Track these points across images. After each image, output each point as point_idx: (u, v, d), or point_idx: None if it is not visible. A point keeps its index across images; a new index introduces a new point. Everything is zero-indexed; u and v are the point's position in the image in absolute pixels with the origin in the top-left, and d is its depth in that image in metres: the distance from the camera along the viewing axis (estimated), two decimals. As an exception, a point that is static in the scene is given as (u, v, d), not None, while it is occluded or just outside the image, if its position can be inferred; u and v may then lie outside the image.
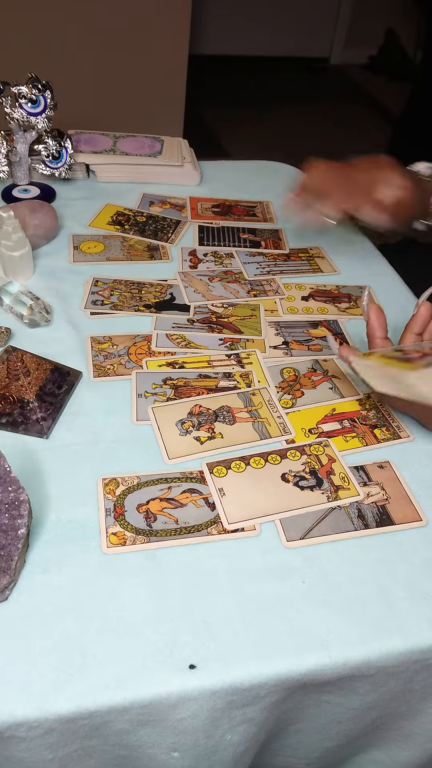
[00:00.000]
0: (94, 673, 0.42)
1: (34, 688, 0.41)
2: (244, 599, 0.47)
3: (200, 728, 0.44)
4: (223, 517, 0.52)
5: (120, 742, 0.44)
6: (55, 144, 0.91)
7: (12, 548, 0.45)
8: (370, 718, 0.50)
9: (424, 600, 0.48)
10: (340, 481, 0.56)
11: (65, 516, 0.51)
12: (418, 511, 0.54)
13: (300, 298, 0.79)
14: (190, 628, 0.45)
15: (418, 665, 0.46)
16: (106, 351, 0.68)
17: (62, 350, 0.67)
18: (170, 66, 2.26)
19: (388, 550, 0.51)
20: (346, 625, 0.46)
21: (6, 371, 0.58)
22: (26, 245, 0.75)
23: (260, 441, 0.59)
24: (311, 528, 0.52)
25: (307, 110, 3.41)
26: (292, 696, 0.46)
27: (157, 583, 0.47)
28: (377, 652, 0.45)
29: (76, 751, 0.43)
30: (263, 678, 0.43)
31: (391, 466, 0.58)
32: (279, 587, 0.48)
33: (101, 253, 0.83)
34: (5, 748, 0.41)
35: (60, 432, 0.58)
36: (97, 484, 0.54)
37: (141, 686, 0.42)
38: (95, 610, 0.45)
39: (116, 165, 0.99)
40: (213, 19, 3.66)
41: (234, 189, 1.01)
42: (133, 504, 0.52)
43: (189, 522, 0.51)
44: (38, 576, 0.47)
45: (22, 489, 0.47)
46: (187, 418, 0.60)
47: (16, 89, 0.85)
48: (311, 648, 0.44)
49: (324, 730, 0.51)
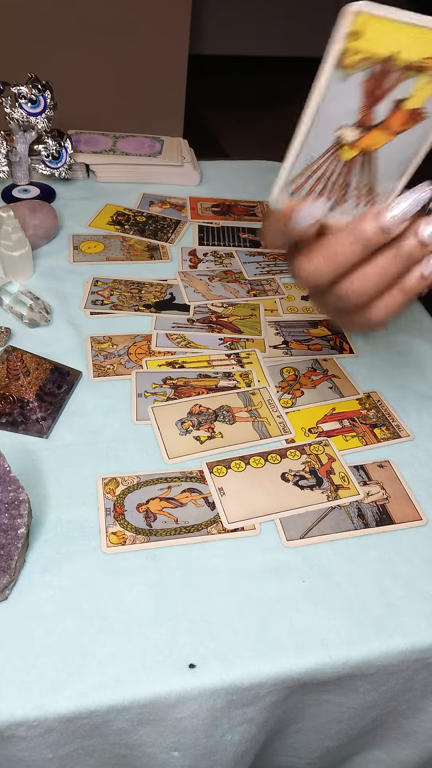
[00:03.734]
0: (94, 673, 0.42)
1: (34, 688, 0.41)
2: (243, 598, 0.47)
3: (200, 728, 0.44)
4: (222, 517, 0.52)
5: (120, 741, 0.44)
6: (55, 144, 0.91)
7: (12, 548, 0.45)
8: (370, 717, 0.50)
9: (424, 599, 0.48)
10: (340, 480, 0.56)
11: (65, 515, 0.51)
12: (418, 510, 0.54)
13: (300, 297, 0.79)
14: (189, 627, 0.45)
15: (417, 664, 0.46)
16: (106, 351, 0.68)
17: (62, 350, 0.67)
18: (170, 66, 2.26)
19: (388, 549, 0.51)
20: (346, 624, 0.46)
21: (6, 371, 0.58)
22: (26, 245, 0.75)
23: (260, 440, 0.59)
24: (311, 527, 0.52)
25: (307, 110, 3.40)
26: (292, 695, 0.46)
27: (156, 583, 0.47)
28: (377, 651, 0.45)
29: (76, 751, 0.43)
30: (263, 677, 0.43)
31: (391, 465, 0.58)
32: (279, 586, 0.48)
33: (101, 253, 0.83)
34: (5, 747, 0.41)
35: (60, 432, 0.58)
36: (97, 483, 0.54)
37: (141, 685, 0.42)
38: (95, 609, 0.45)
39: (116, 165, 1.00)
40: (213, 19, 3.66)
41: (234, 189, 1.01)
42: (133, 503, 0.52)
43: (189, 521, 0.51)
44: (38, 575, 0.47)
45: (21, 488, 0.47)
46: (186, 417, 0.60)
47: (16, 89, 0.85)
48: (311, 647, 0.44)
49: (324, 729, 0.51)
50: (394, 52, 0.31)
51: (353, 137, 0.34)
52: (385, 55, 0.31)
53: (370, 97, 0.33)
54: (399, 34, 0.30)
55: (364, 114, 0.33)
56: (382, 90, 0.33)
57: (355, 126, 0.34)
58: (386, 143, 0.35)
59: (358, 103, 0.33)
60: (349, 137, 0.34)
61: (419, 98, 0.33)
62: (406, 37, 0.30)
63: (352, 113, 0.33)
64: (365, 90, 0.32)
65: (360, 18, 0.29)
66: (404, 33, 0.30)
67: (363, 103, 0.33)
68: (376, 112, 0.34)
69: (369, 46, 0.30)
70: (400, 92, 0.33)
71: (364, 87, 0.32)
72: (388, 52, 0.31)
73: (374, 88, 0.32)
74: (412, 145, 0.35)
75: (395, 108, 0.33)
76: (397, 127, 0.34)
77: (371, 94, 0.33)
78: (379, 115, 0.34)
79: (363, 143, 0.35)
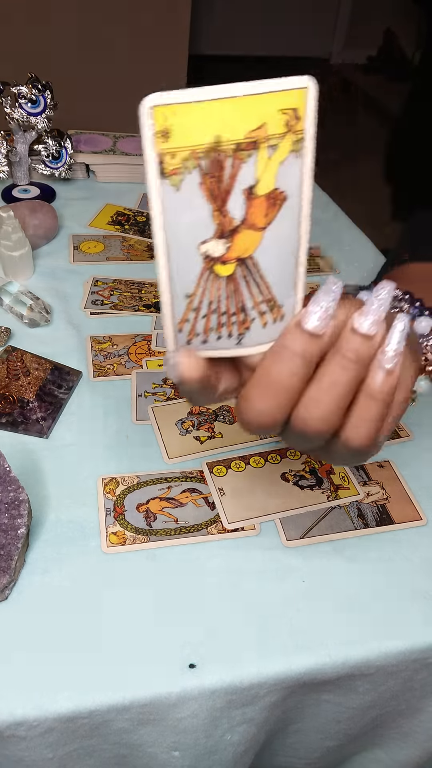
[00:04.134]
0: (94, 672, 0.42)
1: (34, 688, 0.41)
2: (243, 598, 0.47)
3: (200, 728, 0.44)
4: (222, 517, 0.52)
5: (120, 741, 0.44)
6: (55, 144, 0.91)
7: (12, 548, 0.45)
8: (369, 717, 0.50)
9: (424, 599, 0.48)
10: (340, 480, 0.56)
11: (65, 515, 0.51)
12: (418, 510, 0.54)
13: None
14: (189, 627, 0.45)
15: (417, 664, 0.46)
16: (106, 351, 0.68)
17: (62, 350, 0.67)
18: (170, 66, 2.26)
19: (388, 549, 0.51)
20: (345, 624, 0.46)
21: (6, 371, 0.58)
22: (26, 245, 0.75)
23: (260, 440, 0.59)
24: (311, 527, 0.52)
25: (307, 110, 3.40)
26: (292, 695, 0.46)
27: (156, 583, 0.47)
28: (377, 651, 0.45)
29: (76, 750, 0.43)
30: (263, 677, 0.43)
31: (391, 465, 0.58)
32: (279, 586, 0.48)
33: (101, 253, 0.83)
34: (5, 747, 0.41)
35: (60, 432, 0.58)
36: (97, 483, 0.54)
37: (141, 685, 0.42)
38: (95, 609, 0.45)
39: (116, 165, 1.00)
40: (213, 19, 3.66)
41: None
42: (133, 503, 0.52)
43: (189, 521, 0.51)
44: (38, 575, 0.47)
45: (21, 489, 0.47)
46: (186, 417, 0.60)
47: (16, 89, 0.85)
48: (311, 647, 0.44)
49: (324, 729, 0.51)
50: (215, 137, 0.25)
51: (220, 250, 0.28)
52: (207, 144, 0.25)
53: (216, 198, 0.26)
54: (209, 115, 0.25)
55: (219, 219, 0.27)
56: (225, 184, 0.26)
57: (217, 236, 0.27)
58: (260, 244, 0.28)
59: (207, 209, 0.27)
60: (215, 252, 0.28)
61: (268, 178, 0.27)
62: (218, 115, 0.25)
63: (207, 223, 0.27)
64: (206, 192, 0.26)
65: (159, 113, 0.24)
66: (215, 111, 0.25)
67: (212, 207, 0.27)
68: (232, 211, 0.27)
69: (184, 141, 0.25)
70: (246, 179, 0.26)
71: (202, 189, 0.26)
72: (210, 139, 0.25)
73: (215, 185, 0.26)
74: (288, 236, 0.29)
75: (249, 199, 0.27)
76: (262, 221, 0.28)
77: (216, 194, 0.26)
78: (237, 213, 0.27)
79: (234, 253, 0.28)
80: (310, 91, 0.26)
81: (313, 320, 0.30)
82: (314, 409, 0.31)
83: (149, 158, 0.25)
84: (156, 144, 0.25)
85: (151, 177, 0.25)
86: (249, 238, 0.28)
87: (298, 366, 0.30)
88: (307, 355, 0.30)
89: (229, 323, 0.30)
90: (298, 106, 0.26)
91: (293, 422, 0.32)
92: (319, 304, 0.30)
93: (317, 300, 0.30)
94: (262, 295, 0.30)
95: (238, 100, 0.25)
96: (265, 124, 0.25)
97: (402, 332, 0.31)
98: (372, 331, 0.30)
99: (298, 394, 0.31)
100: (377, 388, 0.31)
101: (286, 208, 0.28)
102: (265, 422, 0.32)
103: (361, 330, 0.30)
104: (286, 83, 0.25)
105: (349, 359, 0.30)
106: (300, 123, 0.26)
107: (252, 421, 0.32)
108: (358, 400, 0.32)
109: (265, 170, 0.26)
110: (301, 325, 0.30)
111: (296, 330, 0.30)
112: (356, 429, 0.32)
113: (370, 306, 0.30)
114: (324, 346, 0.31)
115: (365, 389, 0.31)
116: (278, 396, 0.31)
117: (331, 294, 0.30)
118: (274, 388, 0.31)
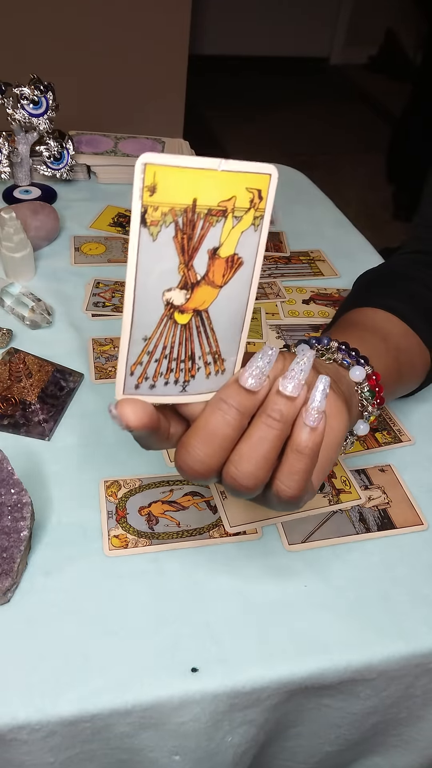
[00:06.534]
0: (96, 676, 0.42)
1: (36, 691, 0.41)
2: (245, 602, 0.47)
3: (202, 731, 0.44)
4: (224, 521, 0.52)
5: (121, 745, 0.44)
6: (57, 145, 0.91)
7: (14, 550, 0.45)
8: (370, 723, 0.50)
9: (426, 604, 0.48)
10: (342, 484, 0.56)
11: (67, 518, 0.51)
12: (420, 514, 0.54)
13: (301, 301, 0.79)
14: (191, 631, 0.45)
15: (419, 669, 0.46)
16: (108, 353, 0.68)
17: (64, 352, 0.67)
18: (170, 66, 2.26)
19: (390, 553, 0.51)
20: (347, 628, 0.46)
21: (8, 373, 0.58)
22: (27, 247, 0.75)
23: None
24: (313, 531, 0.52)
25: (307, 110, 3.41)
26: (293, 699, 0.46)
27: (158, 586, 0.47)
28: (379, 655, 0.45)
29: (78, 755, 0.43)
30: (265, 681, 0.43)
31: (392, 469, 0.58)
32: (280, 591, 0.48)
33: (102, 254, 0.83)
34: (6, 750, 0.41)
35: (61, 434, 0.58)
36: (99, 486, 0.54)
37: (143, 689, 0.42)
38: (97, 612, 0.45)
39: (117, 166, 0.99)
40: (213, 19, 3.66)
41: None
42: (135, 507, 0.52)
43: (191, 525, 0.51)
44: (40, 578, 0.47)
45: (25, 491, 0.47)
46: (188, 420, 0.60)
47: (18, 90, 0.85)
48: (313, 651, 0.44)
49: (323, 734, 0.51)
50: (193, 200, 0.29)
51: (181, 300, 0.31)
52: (184, 204, 0.29)
53: (185, 252, 0.30)
54: (191, 181, 0.28)
55: (184, 272, 0.30)
56: (194, 242, 0.30)
57: (180, 287, 0.31)
58: (215, 300, 0.32)
59: (175, 261, 0.30)
60: (177, 300, 0.31)
61: (230, 243, 0.31)
62: (198, 182, 0.28)
63: (174, 273, 0.30)
64: (178, 245, 0.29)
65: (150, 170, 0.27)
66: (195, 178, 0.28)
67: (180, 260, 0.30)
68: (197, 267, 0.31)
69: (166, 198, 0.28)
70: (212, 241, 0.30)
71: (175, 242, 0.29)
72: (188, 201, 0.29)
73: (186, 241, 0.30)
74: (239, 297, 0.33)
75: (212, 258, 0.31)
76: (220, 280, 0.32)
77: (185, 249, 0.30)
78: (200, 269, 0.31)
79: (193, 303, 0.31)
80: (273, 178, 0.31)
81: (249, 379, 0.33)
82: (245, 463, 0.34)
83: (135, 207, 0.28)
84: (143, 196, 0.28)
85: (134, 224, 0.28)
86: (207, 293, 0.32)
87: (235, 418, 0.34)
88: (242, 408, 0.34)
89: (178, 369, 0.33)
90: (261, 188, 0.30)
91: (224, 477, 0.35)
92: (256, 364, 0.34)
93: (254, 361, 0.34)
94: (209, 347, 0.34)
95: (217, 173, 0.29)
96: (235, 197, 0.30)
97: (323, 392, 0.34)
98: (294, 393, 0.34)
99: (232, 445, 0.34)
100: (303, 443, 0.34)
101: (240, 272, 0.32)
102: (200, 470, 0.34)
103: (285, 392, 0.34)
104: (256, 167, 0.30)
105: (274, 418, 0.34)
106: (262, 203, 0.31)
107: (189, 468, 0.34)
108: (287, 455, 0.35)
109: (229, 236, 0.31)
110: (239, 382, 0.34)
111: (235, 385, 0.34)
112: (286, 482, 0.35)
113: (292, 371, 0.34)
114: (258, 403, 0.34)
115: (291, 445, 0.34)
116: (214, 445, 0.34)
117: (267, 357, 0.34)
118: (211, 438, 0.34)
